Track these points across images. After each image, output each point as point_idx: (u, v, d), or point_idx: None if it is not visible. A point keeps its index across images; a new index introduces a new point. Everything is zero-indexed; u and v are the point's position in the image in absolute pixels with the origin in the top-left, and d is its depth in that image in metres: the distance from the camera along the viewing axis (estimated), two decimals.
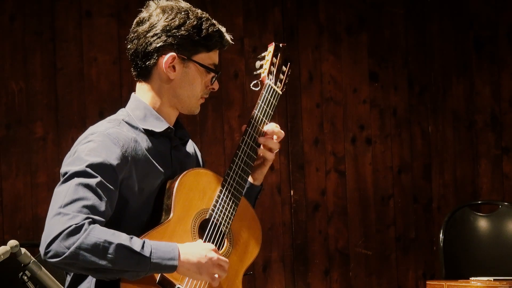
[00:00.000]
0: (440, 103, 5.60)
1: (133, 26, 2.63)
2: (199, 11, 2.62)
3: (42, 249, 2.35)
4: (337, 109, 5.45)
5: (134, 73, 2.66)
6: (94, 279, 2.47)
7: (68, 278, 2.56)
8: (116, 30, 5.03)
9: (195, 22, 2.58)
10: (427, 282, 4.37)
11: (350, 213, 5.44)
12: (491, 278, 4.21)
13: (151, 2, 2.64)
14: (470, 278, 4.29)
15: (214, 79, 2.65)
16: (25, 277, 2.58)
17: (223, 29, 2.65)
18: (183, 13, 2.59)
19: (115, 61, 5.00)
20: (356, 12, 5.49)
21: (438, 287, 4.28)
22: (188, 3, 2.65)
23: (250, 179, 2.78)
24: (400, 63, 5.56)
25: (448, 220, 4.78)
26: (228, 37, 2.65)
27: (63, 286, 2.58)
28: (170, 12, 2.59)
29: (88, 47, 4.99)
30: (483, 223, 4.81)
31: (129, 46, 2.63)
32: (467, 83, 5.64)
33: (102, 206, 2.40)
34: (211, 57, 2.64)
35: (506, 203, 4.83)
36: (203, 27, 2.59)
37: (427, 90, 5.59)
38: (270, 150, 2.75)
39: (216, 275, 2.49)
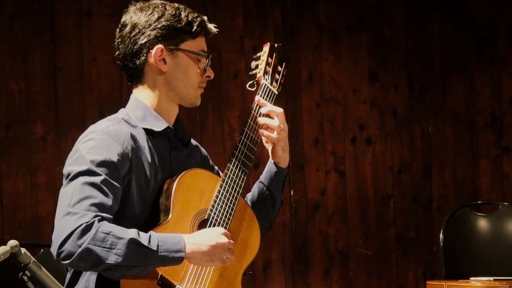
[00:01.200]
0: (440, 103, 5.60)
1: (116, 33, 2.68)
2: (176, 3, 2.67)
3: (54, 250, 2.36)
4: (337, 109, 5.45)
5: (127, 79, 2.70)
6: (93, 276, 2.47)
7: (68, 275, 2.57)
8: (116, 30, 5.02)
9: (173, 12, 2.63)
10: (427, 282, 4.37)
11: (350, 213, 5.44)
12: (491, 278, 4.21)
13: (129, 8, 2.68)
14: (470, 278, 4.29)
15: (206, 65, 2.66)
16: (25, 277, 2.58)
17: (205, 18, 2.67)
18: (160, 7, 2.64)
19: (115, 61, 5.00)
20: (356, 12, 5.49)
21: (438, 287, 4.28)
22: (163, 0, 2.69)
23: (274, 161, 2.76)
24: (400, 63, 5.56)
25: (448, 220, 4.78)
26: (211, 25, 2.67)
27: (63, 285, 2.58)
28: (147, 9, 2.64)
29: (88, 47, 4.99)
30: (483, 223, 4.81)
31: (117, 53, 2.68)
32: (467, 83, 5.63)
33: (108, 203, 2.42)
34: (199, 44, 2.66)
35: (506, 203, 4.82)
36: (182, 15, 2.63)
37: (427, 90, 5.59)
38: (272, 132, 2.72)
39: (226, 258, 2.51)
